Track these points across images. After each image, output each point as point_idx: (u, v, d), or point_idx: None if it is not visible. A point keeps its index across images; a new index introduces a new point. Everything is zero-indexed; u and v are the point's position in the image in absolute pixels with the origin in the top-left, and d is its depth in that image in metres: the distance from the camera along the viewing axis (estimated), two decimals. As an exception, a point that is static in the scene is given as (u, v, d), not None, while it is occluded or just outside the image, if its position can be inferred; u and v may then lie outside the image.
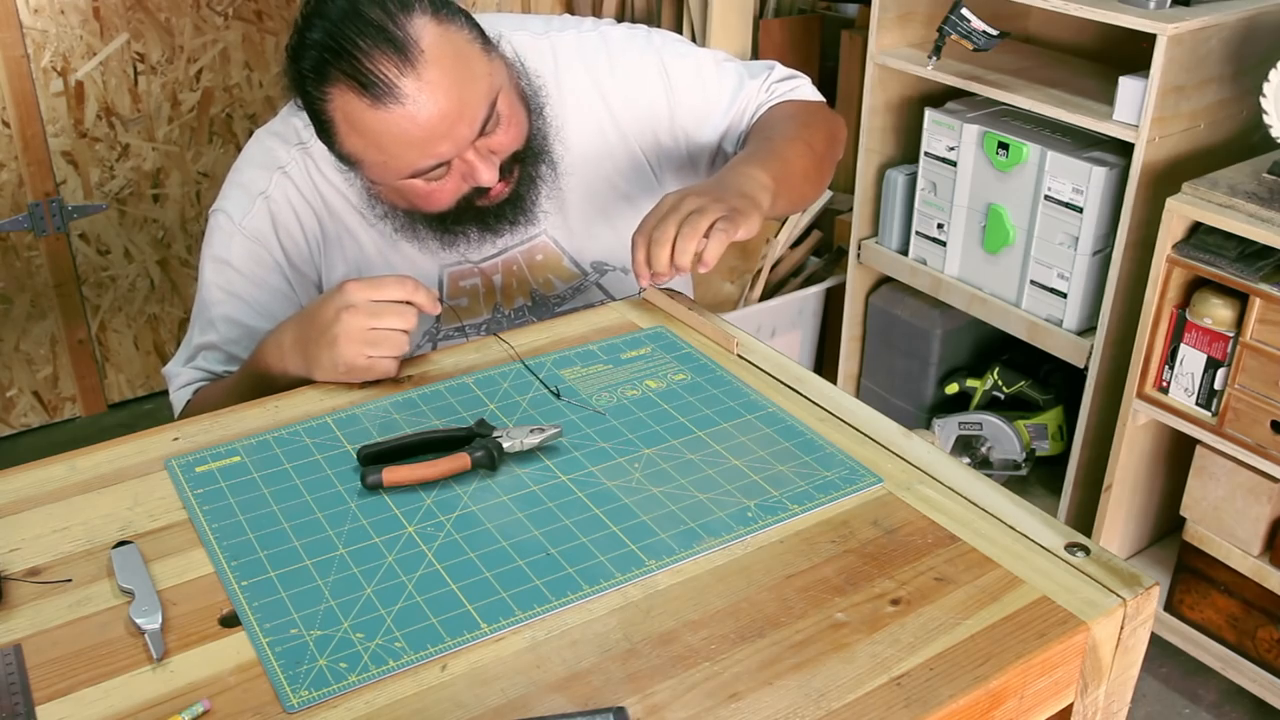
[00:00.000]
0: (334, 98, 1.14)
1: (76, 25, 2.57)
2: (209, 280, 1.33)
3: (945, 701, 0.77)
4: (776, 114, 1.42)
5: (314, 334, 1.13)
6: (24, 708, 0.77)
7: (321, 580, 0.88)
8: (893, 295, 2.50)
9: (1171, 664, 2.13)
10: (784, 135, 1.35)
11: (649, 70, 1.40)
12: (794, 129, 1.38)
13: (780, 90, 1.46)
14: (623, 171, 1.41)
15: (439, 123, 1.14)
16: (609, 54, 1.39)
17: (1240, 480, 1.88)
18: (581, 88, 1.37)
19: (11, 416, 2.80)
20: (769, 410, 1.09)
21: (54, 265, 2.71)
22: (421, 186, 1.20)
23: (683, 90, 1.41)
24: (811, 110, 1.46)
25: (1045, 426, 2.39)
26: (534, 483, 0.99)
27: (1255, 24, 1.94)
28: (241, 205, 1.31)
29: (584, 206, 1.39)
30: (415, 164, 1.17)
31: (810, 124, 1.41)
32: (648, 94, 1.40)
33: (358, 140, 1.16)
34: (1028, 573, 0.88)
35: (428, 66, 1.12)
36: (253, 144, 1.36)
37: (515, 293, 1.39)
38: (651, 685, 0.78)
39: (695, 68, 1.42)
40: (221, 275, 1.32)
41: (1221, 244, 1.79)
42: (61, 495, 0.98)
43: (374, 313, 1.10)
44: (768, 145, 1.32)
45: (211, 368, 1.34)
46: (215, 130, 2.84)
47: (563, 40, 1.38)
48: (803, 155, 1.34)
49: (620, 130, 1.39)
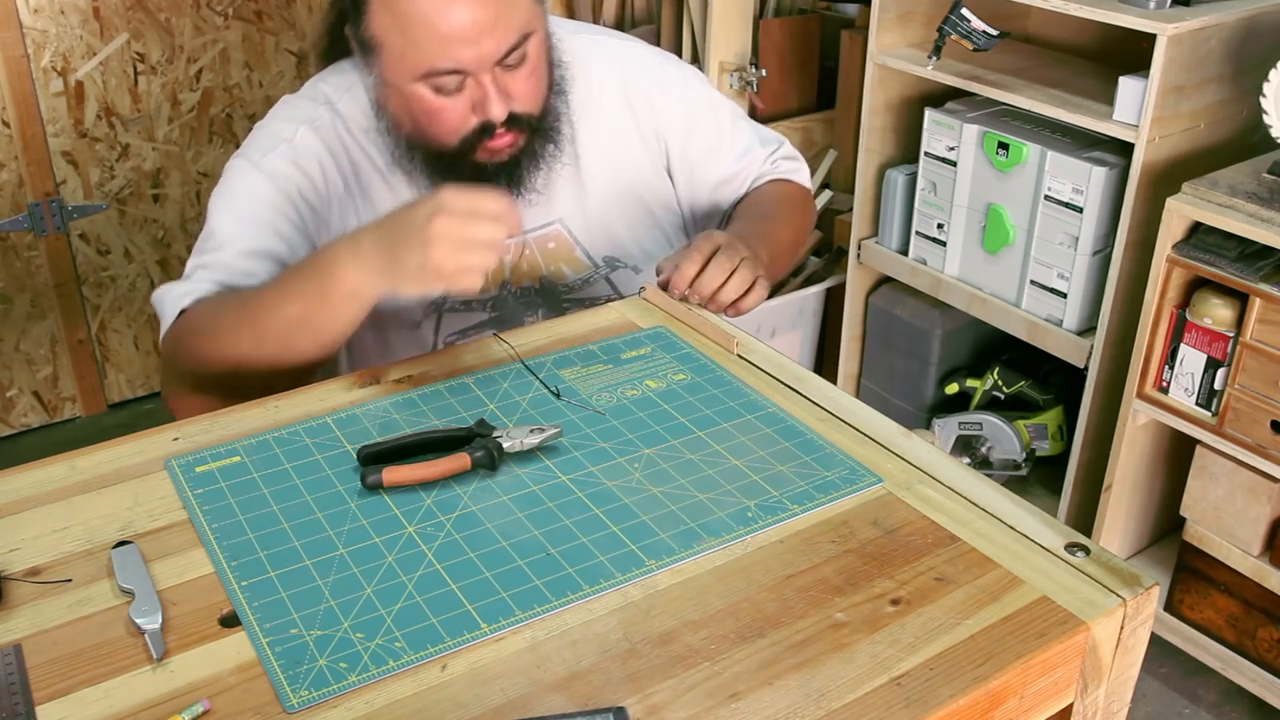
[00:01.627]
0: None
1: (76, 25, 2.57)
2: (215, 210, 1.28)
3: (945, 701, 0.77)
4: (775, 193, 1.51)
5: (402, 234, 1.07)
6: (24, 708, 0.77)
7: (321, 580, 0.88)
8: (893, 295, 2.50)
9: (1171, 664, 2.13)
10: (780, 220, 1.45)
11: (674, 90, 1.44)
12: (788, 215, 1.48)
13: (783, 168, 1.54)
14: (644, 176, 1.43)
15: (469, 26, 1.15)
16: (640, 64, 1.44)
17: (1240, 480, 1.88)
18: (609, 89, 1.40)
19: (11, 416, 2.80)
20: (769, 410, 1.09)
21: (54, 265, 2.71)
22: (430, 100, 1.20)
23: (703, 122, 1.47)
24: (805, 199, 1.55)
25: (1045, 426, 2.40)
26: (534, 483, 0.99)
27: (1255, 24, 1.94)
28: (262, 148, 1.29)
29: (602, 202, 1.41)
30: (434, 62, 1.17)
31: (801, 213, 1.52)
32: (671, 110, 1.44)
33: (386, 19, 1.17)
34: (1028, 573, 0.88)
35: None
36: (278, 106, 1.35)
37: (525, 275, 1.39)
38: (651, 685, 0.78)
39: (717, 106, 1.49)
40: (232, 205, 1.28)
41: (1221, 244, 1.79)
42: (61, 495, 0.98)
43: (469, 220, 1.05)
44: (766, 226, 1.40)
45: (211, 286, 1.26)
46: (215, 130, 2.84)
47: (597, 44, 1.42)
48: (788, 245, 1.45)
49: (642, 137, 1.43)
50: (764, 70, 2.63)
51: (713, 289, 1.22)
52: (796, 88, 2.76)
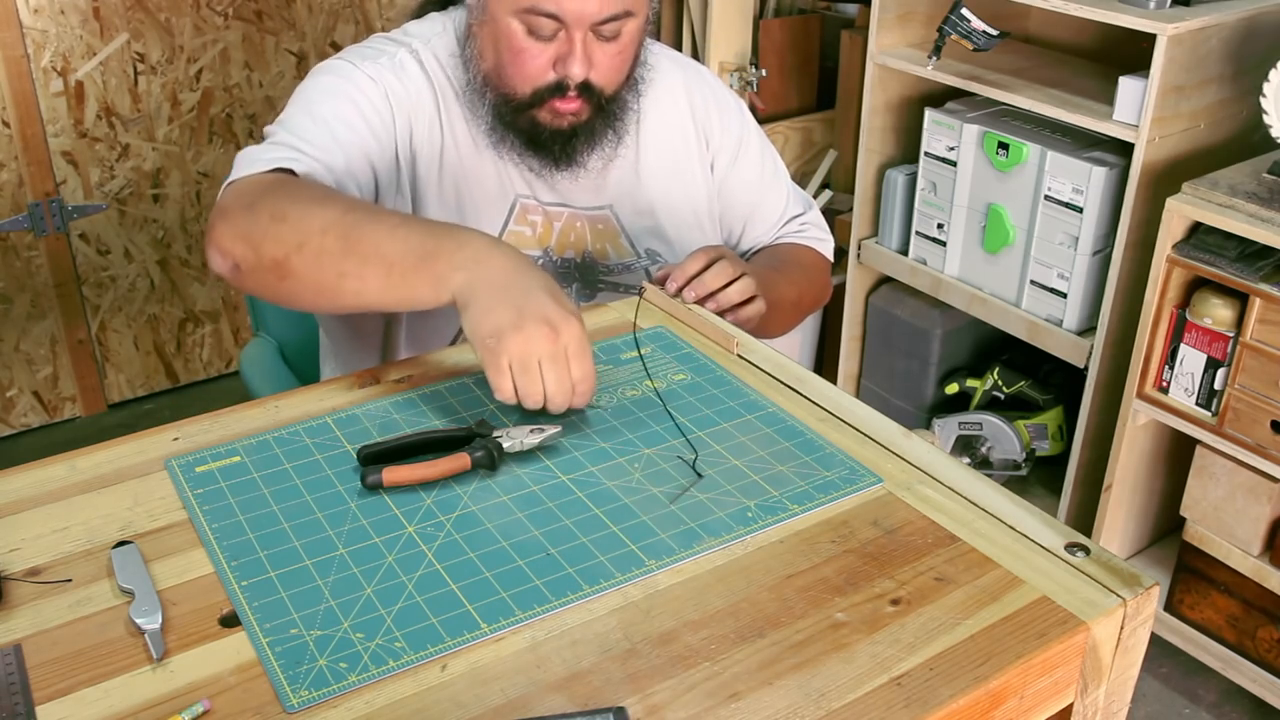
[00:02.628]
0: None
1: (76, 25, 2.57)
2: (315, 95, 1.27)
3: (945, 701, 0.77)
4: (794, 254, 1.54)
5: (519, 296, 1.01)
6: (24, 708, 0.77)
7: (321, 580, 0.88)
8: (893, 295, 2.50)
9: (1171, 664, 2.13)
10: (789, 276, 1.46)
11: (732, 116, 1.50)
12: (798, 276, 1.49)
13: (808, 234, 1.57)
14: (697, 183, 1.47)
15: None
16: (705, 79, 1.49)
17: (1240, 480, 1.88)
18: (676, 92, 1.45)
19: (11, 416, 2.80)
20: (769, 410, 1.09)
21: (54, 265, 2.71)
22: (520, 38, 1.23)
23: (751, 154, 1.51)
24: (822, 269, 1.57)
25: (1045, 426, 2.40)
26: (534, 483, 0.99)
27: (1255, 24, 1.94)
28: (364, 55, 1.31)
29: (654, 200, 1.43)
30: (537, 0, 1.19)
31: (812, 281, 1.53)
32: (727, 132, 1.48)
33: None
34: (1028, 573, 0.88)
35: None
36: (371, 37, 1.38)
37: (569, 245, 1.40)
38: (651, 685, 0.78)
39: (765, 147, 1.54)
40: (335, 97, 1.27)
41: (1221, 244, 1.79)
42: (61, 495, 0.98)
43: (555, 359, 1.00)
44: (774, 276, 1.42)
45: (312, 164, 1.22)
46: (215, 130, 2.84)
47: (673, 57, 1.48)
48: (790, 302, 1.45)
49: (699, 140, 1.47)
50: (764, 70, 2.63)
51: (711, 288, 1.25)
52: (796, 88, 2.76)
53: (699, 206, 1.47)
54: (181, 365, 3.00)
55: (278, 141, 1.23)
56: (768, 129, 2.68)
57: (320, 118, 1.26)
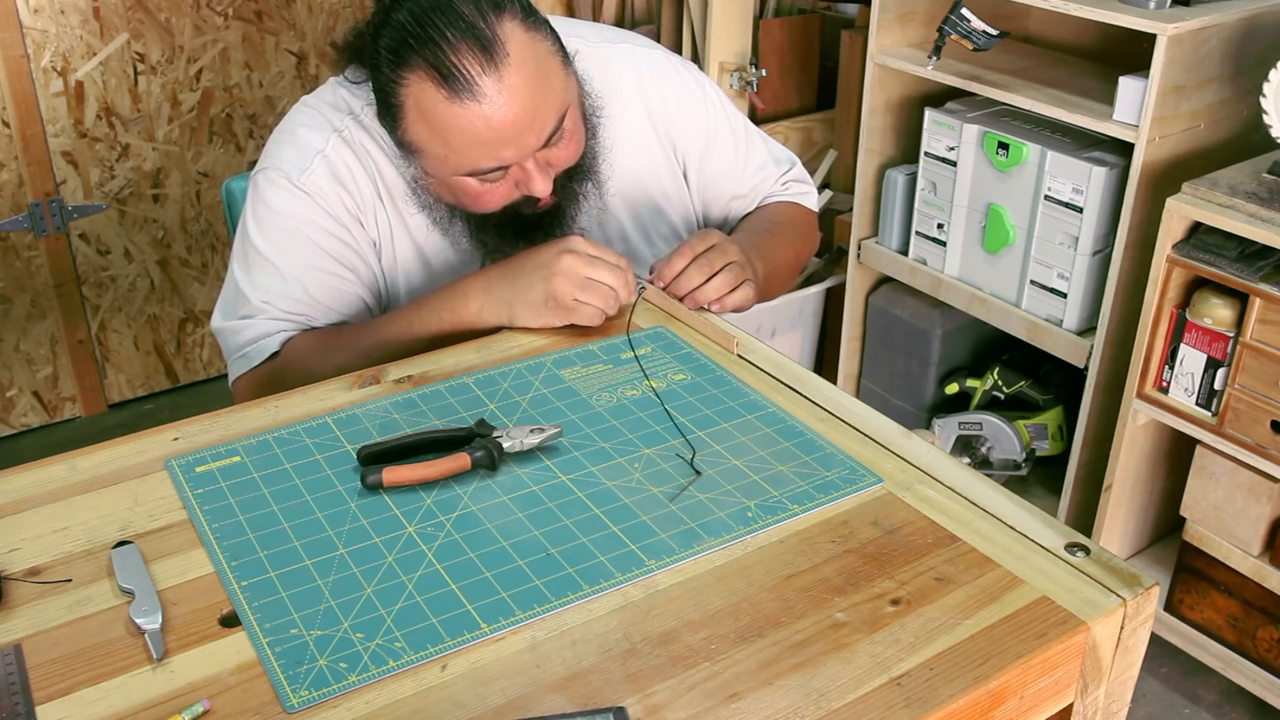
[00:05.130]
0: (410, 83, 1.14)
1: (76, 25, 2.57)
2: (263, 234, 1.28)
3: (945, 701, 0.77)
4: (781, 212, 1.53)
5: (529, 268, 1.19)
6: (24, 708, 0.77)
7: (321, 580, 0.88)
8: (893, 295, 2.50)
9: (1171, 664, 2.13)
10: (780, 237, 1.47)
11: (695, 106, 1.45)
12: (789, 235, 1.49)
13: (793, 190, 1.56)
14: (664, 188, 1.44)
15: (510, 127, 1.15)
16: (661, 73, 1.43)
17: (1240, 480, 1.88)
18: (631, 101, 1.40)
19: (11, 416, 2.80)
20: (769, 410, 1.09)
21: (54, 265, 2.71)
22: (474, 186, 1.21)
23: (721, 139, 1.48)
24: (809, 222, 1.58)
25: (1045, 426, 2.39)
26: (534, 483, 0.99)
27: (1255, 24, 1.94)
28: (298, 164, 1.28)
29: (625, 222, 1.42)
30: (477, 163, 1.18)
31: (803, 235, 1.54)
32: (691, 125, 1.45)
33: (424, 130, 1.16)
34: (1028, 573, 0.88)
35: (510, 70, 1.13)
36: (299, 110, 1.33)
37: None
38: (651, 685, 0.78)
39: (734, 121, 1.50)
40: (283, 232, 1.27)
41: (1221, 244, 1.79)
42: (61, 495, 0.98)
43: (592, 263, 1.17)
44: (766, 240, 1.42)
45: (287, 324, 1.28)
46: (215, 130, 2.84)
47: (617, 52, 1.41)
48: (786, 264, 1.46)
49: (663, 147, 1.43)
50: (764, 70, 2.63)
51: (689, 288, 1.25)
52: (796, 88, 2.76)
53: (672, 214, 1.45)
54: (181, 365, 3.00)
55: (253, 313, 1.27)
56: (768, 129, 2.68)
57: (290, 276, 1.27)
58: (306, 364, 1.24)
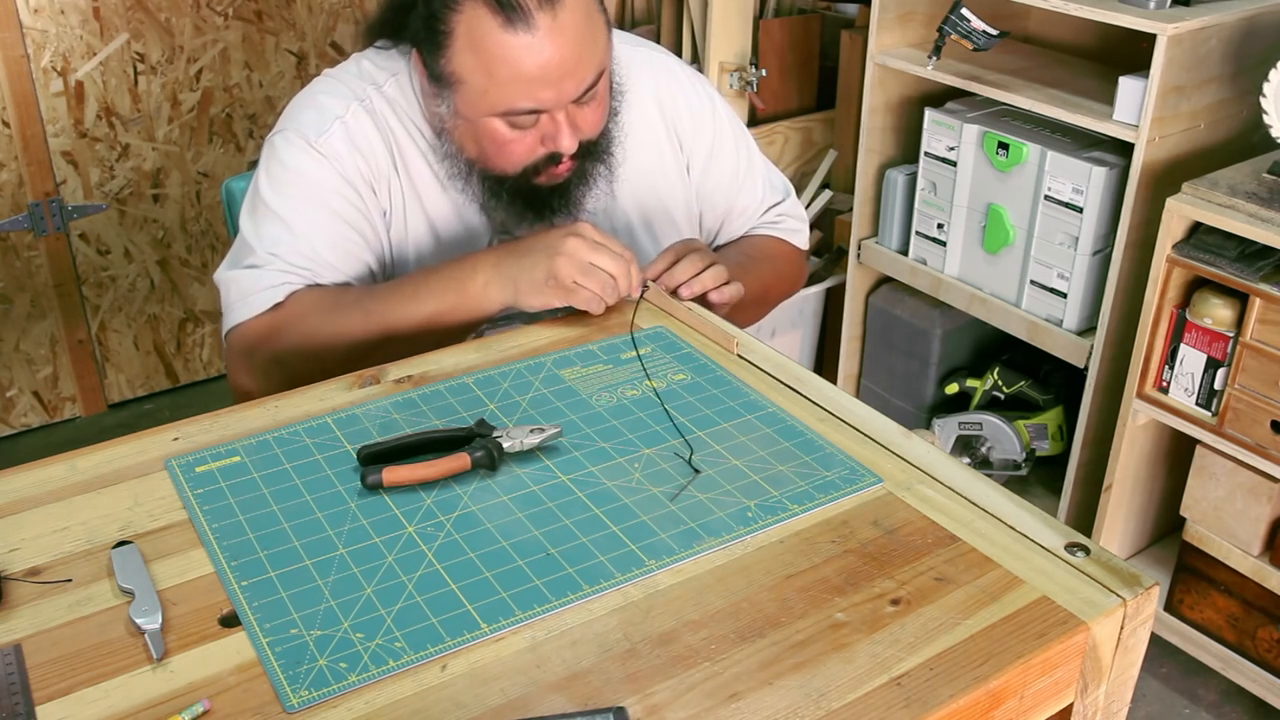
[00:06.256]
0: (465, 8, 1.16)
1: (76, 25, 2.57)
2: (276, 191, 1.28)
3: (945, 701, 0.77)
4: (767, 246, 1.54)
5: (536, 247, 1.19)
6: (24, 708, 0.77)
7: (321, 580, 0.88)
8: (893, 295, 2.50)
9: (1171, 664, 2.13)
10: (758, 269, 1.47)
11: (704, 118, 1.47)
12: (766, 268, 1.50)
13: (784, 225, 1.57)
14: (673, 191, 1.46)
15: (555, 68, 1.17)
16: (676, 81, 1.46)
17: (1240, 480, 1.88)
18: (646, 102, 1.42)
19: (11, 416, 2.80)
20: (769, 410, 1.09)
21: (54, 265, 2.71)
22: (503, 133, 1.22)
23: (725, 154, 1.49)
24: (791, 259, 1.58)
25: (1045, 426, 2.40)
26: (534, 483, 0.99)
27: (1255, 24, 1.94)
28: (316, 126, 1.29)
29: (632, 217, 1.43)
30: (514, 102, 1.19)
31: (780, 274, 1.54)
32: (699, 136, 1.46)
33: (470, 59, 1.17)
34: (1028, 573, 0.88)
35: (565, 10, 1.16)
36: (321, 80, 1.35)
37: None
38: (651, 685, 0.78)
39: (739, 139, 1.52)
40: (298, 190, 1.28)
41: (1221, 244, 1.79)
42: (61, 495, 0.98)
43: (596, 249, 1.18)
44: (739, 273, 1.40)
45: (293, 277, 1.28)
46: (215, 130, 2.84)
47: (637, 54, 1.43)
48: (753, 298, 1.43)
49: (673, 151, 1.45)
50: (764, 70, 2.63)
51: (683, 278, 1.27)
52: (796, 88, 2.76)
53: (677, 214, 1.46)
54: (181, 365, 3.00)
55: (259, 263, 1.27)
56: (768, 129, 2.68)
57: (300, 232, 1.27)
58: (309, 320, 1.24)
